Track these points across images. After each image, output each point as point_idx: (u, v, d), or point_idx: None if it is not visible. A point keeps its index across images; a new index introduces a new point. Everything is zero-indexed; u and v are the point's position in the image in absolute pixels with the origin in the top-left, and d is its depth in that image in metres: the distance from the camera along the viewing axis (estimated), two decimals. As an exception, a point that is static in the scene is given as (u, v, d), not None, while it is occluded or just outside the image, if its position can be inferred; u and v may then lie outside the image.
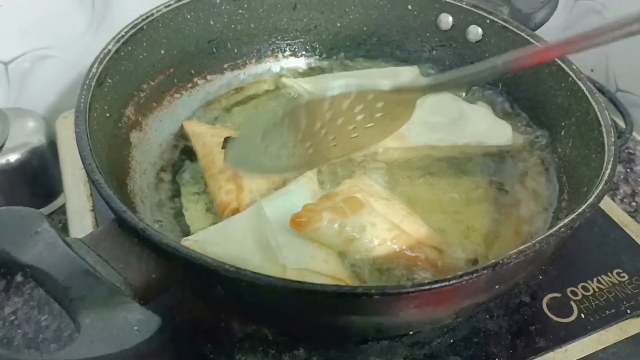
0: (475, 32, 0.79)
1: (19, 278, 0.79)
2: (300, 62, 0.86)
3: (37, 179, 0.88)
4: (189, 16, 0.74)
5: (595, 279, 0.65)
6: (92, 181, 0.49)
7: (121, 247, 0.46)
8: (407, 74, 0.82)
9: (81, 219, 0.69)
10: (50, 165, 0.88)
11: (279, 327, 0.55)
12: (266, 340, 0.58)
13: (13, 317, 0.78)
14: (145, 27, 0.68)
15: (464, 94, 0.81)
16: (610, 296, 0.63)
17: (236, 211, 0.63)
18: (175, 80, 0.75)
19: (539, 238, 0.47)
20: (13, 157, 0.84)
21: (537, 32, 0.75)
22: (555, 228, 0.49)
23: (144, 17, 0.69)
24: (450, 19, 0.80)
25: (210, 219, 0.65)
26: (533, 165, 0.71)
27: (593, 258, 0.67)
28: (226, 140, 0.66)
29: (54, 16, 0.87)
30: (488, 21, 0.77)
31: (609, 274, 0.66)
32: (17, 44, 0.88)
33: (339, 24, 0.85)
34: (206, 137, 0.69)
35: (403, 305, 0.45)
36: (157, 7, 0.71)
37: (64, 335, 0.77)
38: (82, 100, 0.56)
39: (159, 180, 0.68)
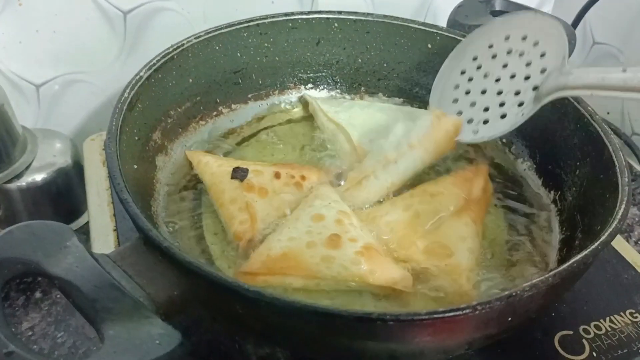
0: (493, 72, 0.81)
1: (37, 294, 0.81)
2: (322, 95, 0.89)
3: (61, 198, 0.90)
4: (217, 47, 0.77)
5: (608, 319, 0.65)
6: (120, 200, 0.51)
7: (145, 264, 0.48)
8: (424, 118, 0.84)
9: (104, 238, 0.71)
10: (74, 186, 0.90)
11: (294, 348, 0.56)
12: (279, 364, 0.59)
13: (30, 333, 0.80)
14: (175, 57, 0.72)
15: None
16: (622, 336, 0.63)
17: (252, 241, 0.64)
18: (202, 108, 0.78)
19: (552, 272, 0.48)
20: (39, 177, 0.87)
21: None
22: (568, 263, 0.50)
23: (174, 46, 0.72)
24: (469, 58, 0.83)
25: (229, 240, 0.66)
26: (545, 204, 0.72)
27: (606, 298, 0.68)
28: (235, 170, 0.68)
29: (87, 43, 0.91)
30: (506, 62, 0.79)
31: (622, 313, 0.66)
32: (49, 68, 0.91)
33: (360, 60, 0.88)
34: (213, 167, 0.71)
35: (417, 332, 0.46)
36: (188, 38, 0.74)
37: (79, 352, 0.78)
38: (114, 123, 0.59)
39: (181, 201, 0.70)
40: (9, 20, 0.84)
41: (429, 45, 0.84)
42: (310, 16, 0.83)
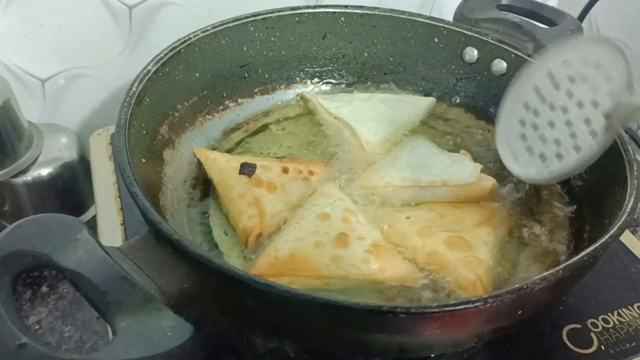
0: (500, 65, 0.81)
1: (44, 289, 0.81)
2: (328, 89, 0.89)
3: (67, 192, 0.90)
4: (224, 41, 0.77)
5: (615, 312, 0.65)
6: (130, 193, 0.51)
7: (156, 257, 0.48)
8: (424, 103, 0.85)
9: (112, 232, 0.71)
10: (80, 180, 0.90)
11: (304, 341, 0.56)
12: (288, 357, 0.59)
13: (37, 327, 0.80)
14: (182, 50, 0.72)
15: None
16: (630, 329, 0.63)
17: (260, 236, 0.64)
18: (208, 102, 0.78)
19: (562, 265, 0.48)
20: (45, 171, 0.87)
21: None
22: (578, 256, 0.50)
23: (181, 40, 0.72)
24: (475, 52, 0.83)
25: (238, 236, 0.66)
26: (555, 199, 0.72)
27: (614, 291, 0.68)
28: (243, 165, 0.68)
29: (92, 38, 0.91)
30: (513, 55, 0.79)
31: (630, 307, 0.66)
32: (55, 62, 0.91)
33: (366, 54, 0.88)
34: (221, 163, 0.70)
35: (427, 325, 0.46)
36: (195, 32, 0.74)
37: (86, 346, 0.78)
38: (123, 117, 0.59)
39: (189, 196, 0.70)
40: (14, 15, 0.84)
41: (436, 40, 0.84)
42: (317, 10, 0.83)
